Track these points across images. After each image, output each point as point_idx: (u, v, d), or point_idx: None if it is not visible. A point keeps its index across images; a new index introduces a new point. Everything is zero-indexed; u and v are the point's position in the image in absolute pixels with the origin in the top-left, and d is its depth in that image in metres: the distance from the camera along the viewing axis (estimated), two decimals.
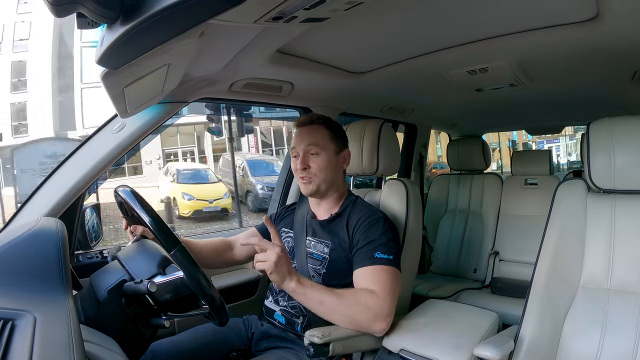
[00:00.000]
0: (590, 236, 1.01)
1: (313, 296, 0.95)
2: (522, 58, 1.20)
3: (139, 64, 0.66)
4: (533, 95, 1.67)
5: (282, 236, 1.23)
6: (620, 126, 0.98)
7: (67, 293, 0.61)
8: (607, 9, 0.86)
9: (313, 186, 1.12)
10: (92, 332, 0.72)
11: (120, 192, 0.90)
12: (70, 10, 0.50)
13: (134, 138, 1.06)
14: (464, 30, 1.03)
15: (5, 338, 0.47)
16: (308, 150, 1.12)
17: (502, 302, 1.83)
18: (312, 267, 1.10)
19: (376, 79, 1.35)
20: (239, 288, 1.45)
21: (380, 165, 1.29)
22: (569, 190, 1.06)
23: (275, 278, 0.92)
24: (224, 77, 1.11)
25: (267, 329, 1.14)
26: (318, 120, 1.16)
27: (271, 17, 0.67)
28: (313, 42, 1.03)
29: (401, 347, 1.01)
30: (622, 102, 1.76)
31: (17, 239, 0.64)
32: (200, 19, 0.58)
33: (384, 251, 1.02)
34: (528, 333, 0.97)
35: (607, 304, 0.95)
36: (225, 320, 0.83)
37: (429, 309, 1.20)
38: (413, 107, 1.94)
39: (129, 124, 1.06)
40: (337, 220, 1.13)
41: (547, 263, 1.02)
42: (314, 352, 0.94)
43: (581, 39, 1.01)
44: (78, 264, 1.16)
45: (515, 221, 2.18)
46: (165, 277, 0.84)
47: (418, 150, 2.46)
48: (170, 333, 1.19)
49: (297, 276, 0.95)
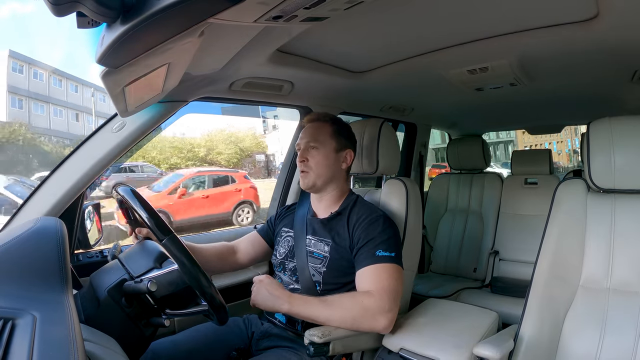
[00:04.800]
0: (590, 236, 1.01)
1: (307, 314, 1.00)
2: (522, 57, 1.20)
3: (139, 63, 0.66)
4: (533, 94, 1.67)
5: (283, 235, 1.24)
6: (620, 126, 0.98)
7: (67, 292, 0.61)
8: (607, 8, 0.86)
9: (309, 180, 1.15)
10: (92, 332, 0.72)
11: (119, 189, 0.90)
12: (70, 9, 0.50)
13: (134, 137, 1.06)
14: (464, 30, 1.03)
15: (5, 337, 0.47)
16: (308, 144, 1.15)
17: (502, 301, 1.84)
18: (312, 266, 1.11)
19: (376, 78, 1.35)
20: (238, 287, 1.45)
21: (380, 164, 1.29)
22: (569, 189, 1.07)
23: (265, 308, 1.03)
24: (224, 76, 1.11)
25: (267, 328, 1.14)
26: (324, 118, 1.20)
27: (271, 16, 0.67)
28: (313, 42, 1.03)
29: (401, 346, 1.01)
30: (622, 102, 1.76)
31: (18, 238, 0.64)
32: (200, 18, 0.58)
33: (385, 248, 1.03)
34: (528, 332, 0.97)
35: (606, 304, 0.95)
36: (225, 319, 0.83)
37: (429, 308, 1.21)
38: (413, 107, 1.94)
39: (129, 123, 1.06)
40: (337, 219, 1.14)
41: (547, 262, 1.02)
42: (314, 351, 0.94)
43: (581, 38, 1.01)
44: (78, 263, 1.16)
45: (515, 221, 2.19)
46: (160, 270, 0.85)
47: (418, 149, 2.46)
48: (171, 332, 1.19)
49: (288, 299, 1.01)
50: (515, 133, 16.21)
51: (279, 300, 1.01)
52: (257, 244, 1.31)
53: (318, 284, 1.09)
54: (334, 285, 1.08)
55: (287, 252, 1.19)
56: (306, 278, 1.10)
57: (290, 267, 1.16)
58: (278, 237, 1.26)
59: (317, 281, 1.09)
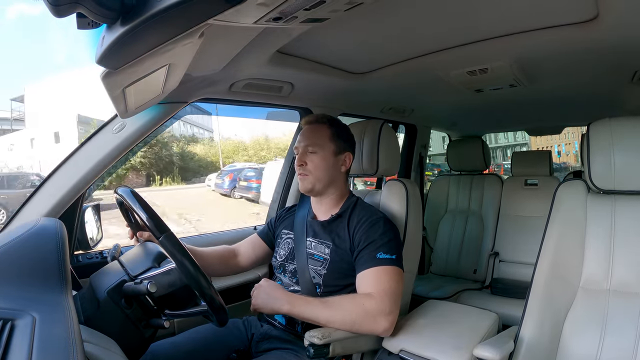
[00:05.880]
0: (590, 237, 1.01)
1: (307, 315, 1.00)
2: (522, 58, 1.20)
3: (139, 64, 0.66)
4: (533, 95, 1.67)
5: (283, 237, 1.23)
6: (620, 127, 0.98)
7: (67, 293, 0.60)
8: (607, 9, 0.86)
9: (308, 183, 1.14)
10: (91, 333, 0.72)
11: (119, 190, 0.91)
12: (70, 10, 0.50)
13: (134, 138, 1.06)
14: (464, 31, 1.03)
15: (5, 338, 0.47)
16: (307, 148, 1.14)
17: (502, 302, 1.84)
18: (312, 268, 1.10)
19: (376, 80, 1.35)
20: (238, 289, 1.45)
21: (380, 165, 1.29)
22: (569, 190, 1.06)
23: (266, 310, 1.03)
24: (224, 77, 1.11)
25: (267, 330, 1.14)
26: (322, 119, 1.18)
27: (271, 17, 0.67)
28: (313, 43, 1.03)
29: (401, 347, 1.01)
30: (622, 103, 1.76)
31: (17, 239, 0.64)
32: (201, 20, 0.58)
33: (386, 251, 1.03)
34: (528, 334, 0.97)
35: (607, 305, 0.95)
36: (224, 320, 0.83)
37: (429, 309, 1.20)
38: (413, 108, 1.94)
39: (129, 125, 1.06)
40: (337, 221, 1.14)
41: (547, 264, 1.02)
42: (314, 352, 0.94)
43: (581, 39, 1.01)
44: (78, 264, 1.16)
45: (515, 222, 2.18)
46: (158, 269, 0.85)
47: (418, 150, 2.46)
48: (170, 334, 1.19)
49: (289, 299, 1.01)
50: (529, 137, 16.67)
51: (280, 301, 1.01)
52: (257, 246, 1.31)
53: (318, 286, 1.09)
54: (334, 287, 1.08)
55: (287, 254, 1.19)
56: (306, 280, 1.10)
57: (291, 269, 1.16)
58: (278, 239, 1.26)
59: (317, 283, 1.09)
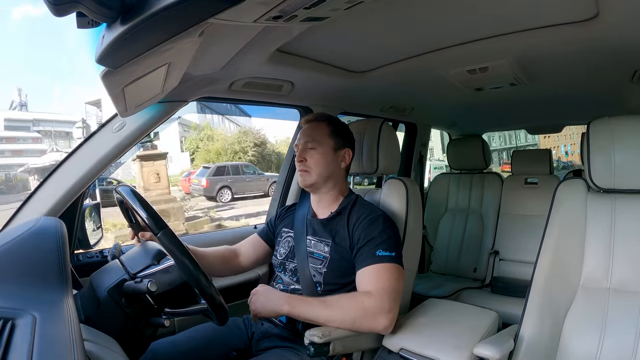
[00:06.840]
0: (590, 236, 1.01)
1: (307, 315, 1.00)
2: (522, 57, 1.20)
3: (139, 63, 0.66)
4: (533, 94, 1.67)
5: (283, 236, 1.24)
6: (620, 126, 0.98)
7: (67, 292, 0.60)
8: (607, 8, 0.86)
9: (308, 178, 1.15)
10: (92, 332, 0.72)
11: (119, 189, 0.91)
12: (70, 9, 0.49)
13: (134, 137, 1.06)
14: (464, 30, 1.03)
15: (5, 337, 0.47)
16: (307, 144, 1.16)
17: (502, 301, 1.84)
18: (312, 267, 1.11)
19: (376, 78, 1.35)
20: (238, 287, 1.45)
21: (380, 164, 1.29)
22: (569, 189, 1.07)
23: (266, 314, 1.03)
24: (224, 76, 1.11)
25: (267, 329, 1.14)
26: (321, 117, 1.20)
27: (271, 16, 0.67)
28: (313, 41, 1.03)
29: (401, 346, 1.01)
30: (622, 102, 1.76)
31: (17, 238, 0.64)
32: (200, 18, 0.58)
33: (386, 248, 1.03)
34: (528, 332, 0.97)
35: (606, 304, 0.95)
36: (225, 319, 0.83)
37: (429, 308, 1.20)
38: (413, 106, 1.94)
39: (129, 123, 1.06)
40: (337, 219, 1.14)
41: (547, 262, 1.02)
42: (314, 351, 0.94)
43: (581, 38, 1.01)
44: (78, 263, 1.16)
45: (515, 220, 2.19)
46: (157, 266, 0.85)
47: (418, 149, 2.46)
48: (170, 332, 1.19)
49: (287, 300, 1.01)
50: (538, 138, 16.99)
51: (279, 302, 1.01)
52: (258, 246, 1.31)
53: (319, 284, 1.09)
54: (334, 285, 1.08)
55: (287, 253, 1.19)
56: (307, 278, 1.10)
57: (291, 267, 1.16)
58: (278, 238, 1.26)
59: (317, 282, 1.09)
